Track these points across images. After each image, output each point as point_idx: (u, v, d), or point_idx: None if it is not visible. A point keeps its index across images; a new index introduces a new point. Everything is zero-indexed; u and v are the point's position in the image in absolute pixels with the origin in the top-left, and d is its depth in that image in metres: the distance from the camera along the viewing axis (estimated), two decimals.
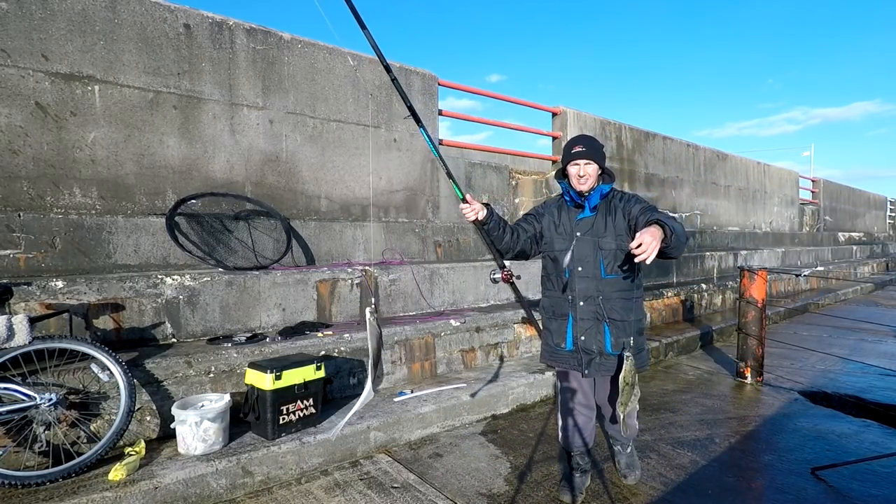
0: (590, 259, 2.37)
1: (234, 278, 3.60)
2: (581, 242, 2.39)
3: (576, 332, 2.41)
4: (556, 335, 2.48)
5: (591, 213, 2.41)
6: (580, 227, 2.41)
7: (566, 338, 2.43)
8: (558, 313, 2.47)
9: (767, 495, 2.62)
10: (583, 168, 2.36)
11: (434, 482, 2.72)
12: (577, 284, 2.38)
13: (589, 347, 2.39)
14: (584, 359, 2.40)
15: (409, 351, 3.92)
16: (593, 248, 2.37)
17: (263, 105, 4.46)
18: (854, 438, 3.31)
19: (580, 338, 2.40)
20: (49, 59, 3.47)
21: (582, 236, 2.39)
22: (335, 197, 4.94)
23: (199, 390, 2.94)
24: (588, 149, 2.36)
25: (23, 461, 2.40)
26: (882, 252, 17.41)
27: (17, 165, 3.38)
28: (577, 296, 2.38)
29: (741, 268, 4.75)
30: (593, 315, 2.38)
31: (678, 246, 2.11)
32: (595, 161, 2.36)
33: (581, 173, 2.36)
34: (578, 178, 2.37)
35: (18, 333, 2.34)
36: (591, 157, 2.35)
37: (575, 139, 2.44)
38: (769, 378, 4.61)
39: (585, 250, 2.38)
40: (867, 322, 7.40)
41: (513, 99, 6.90)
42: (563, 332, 2.44)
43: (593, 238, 2.37)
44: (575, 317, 2.40)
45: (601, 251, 2.36)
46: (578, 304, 2.39)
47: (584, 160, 2.36)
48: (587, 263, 2.37)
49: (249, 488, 2.60)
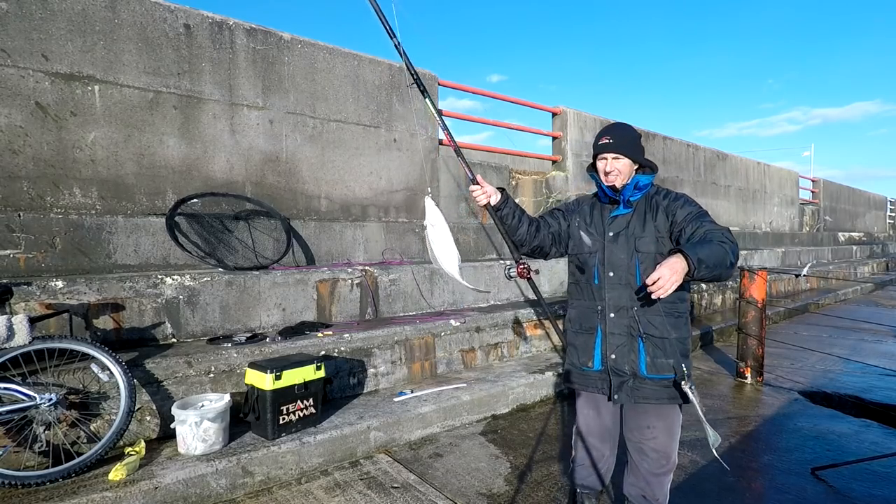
0: (623, 263, 2.02)
1: (234, 278, 3.59)
2: (614, 244, 2.05)
3: (605, 348, 2.05)
4: (583, 352, 2.12)
5: (627, 210, 2.07)
6: (613, 226, 2.07)
7: (594, 355, 2.08)
8: (585, 326, 2.13)
9: (767, 495, 2.62)
10: (610, 163, 2.04)
11: (434, 482, 2.72)
12: (608, 293, 2.04)
13: (620, 368, 2.02)
14: (615, 381, 2.03)
15: (409, 351, 3.92)
16: (628, 250, 2.02)
17: (263, 105, 4.46)
18: (854, 438, 3.31)
19: (610, 356, 2.04)
20: (49, 59, 3.47)
21: (615, 236, 2.06)
22: (335, 197, 4.94)
23: (199, 390, 2.94)
24: (616, 140, 2.03)
25: (23, 461, 2.40)
26: (882, 252, 17.41)
27: (17, 165, 3.38)
28: (608, 306, 2.04)
29: (741, 268, 4.75)
30: (626, 330, 2.02)
31: (717, 274, 1.74)
32: (626, 155, 2.03)
33: (608, 169, 2.04)
34: (605, 175, 2.06)
35: (18, 333, 2.34)
36: (621, 150, 2.02)
37: (605, 129, 2.10)
38: (769, 378, 4.61)
39: (619, 253, 2.04)
40: (867, 322, 7.39)
41: (513, 99, 6.90)
42: (591, 349, 2.09)
43: (628, 239, 2.03)
44: (604, 331, 2.06)
45: (638, 254, 2.00)
46: (609, 316, 2.04)
47: (611, 154, 2.03)
48: (620, 268, 2.03)
49: (249, 488, 2.60)
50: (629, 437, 2.13)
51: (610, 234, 2.07)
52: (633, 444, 2.12)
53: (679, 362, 1.99)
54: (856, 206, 17.98)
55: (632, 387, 2.01)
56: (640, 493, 2.14)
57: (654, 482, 2.09)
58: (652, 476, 2.08)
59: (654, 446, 2.05)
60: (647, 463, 2.08)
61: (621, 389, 2.02)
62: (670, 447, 2.07)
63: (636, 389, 2.01)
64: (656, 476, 2.08)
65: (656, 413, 2.04)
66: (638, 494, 2.15)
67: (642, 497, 2.14)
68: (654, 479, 2.08)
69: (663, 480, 2.10)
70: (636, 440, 2.10)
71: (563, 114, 7.30)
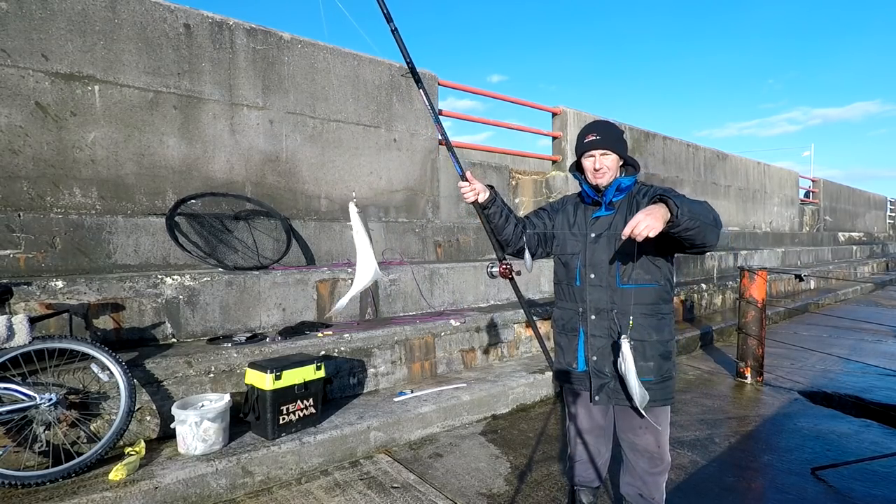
0: (604, 265, 2.02)
1: (234, 278, 3.59)
2: (595, 245, 2.05)
3: (587, 350, 2.07)
4: (567, 353, 2.16)
5: (610, 212, 2.05)
6: (596, 227, 2.06)
7: (577, 356, 2.11)
8: (568, 328, 2.15)
9: (767, 495, 2.62)
10: (599, 160, 2.01)
11: (434, 482, 2.72)
12: (589, 295, 2.05)
13: (602, 369, 2.03)
14: (595, 383, 2.05)
15: (409, 351, 3.92)
16: (609, 252, 2.02)
17: (263, 105, 4.46)
18: (854, 438, 3.31)
19: (592, 358, 2.06)
20: (49, 58, 3.47)
21: (597, 238, 2.05)
22: (335, 197, 4.94)
23: (199, 390, 2.94)
24: (604, 137, 2.01)
25: (23, 461, 2.39)
26: (882, 252, 17.41)
27: (17, 165, 3.38)
28: (589, 308, 2.05)
29: (741, 268, 4.75)
30: (606, 332, 2.02)
31: (701, 228, 1.71)
32: (613, 151, 2.01)
33: (597, 166, 2.01)
34: (594, 172, 2.03)
35: (18, 333, 2.34)
36: (609, 146, 2.01)
37: (589, 126, 2.08)
38: (769, 378, 4.61)
39: (600, 254, 2.03)
40: (867, 322, 7.39)
41: (513, 99, 6.91)
42: (574, 350, 2.12)
43: (609, 240, 2.02)
44: (586, 332, 2.07)
45: (618, 256, 2.00)
46: (590, 318, 2.05)
47: (599, 150, 2.00)
48: (601, 270, 2.03)
49: (249, 488, 2.60)
50: (622, 437, 2.15)
51: (592, 236, 2.07)
52: (626, 444, 2.14)
53: (660, 365, 1.99)
54: (856, 206, 17.99)
55: (613, 388, 2.03)
56: (638, 493, 2.15)
57: (651, 481, 2.10)
58: (648, 475, 2.09)
59: (647, 446, 2.06)
60: (643, 462, 2.09)
61: (602, 391, 2.04)
62: (663, 446, 2.08)
63: (617, 392, 2.01)
64: (652, 475, 2.09)
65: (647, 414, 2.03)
66: (635, 494, 2.16)
67: (639, 496, 2.14)
68: (650, 478, 2.10)
69: (659, 479, 2.11)
70: (629, 440, 2.11)
71: (562, 114, 7.31)
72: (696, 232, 1.71)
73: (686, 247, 1.84)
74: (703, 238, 1.75)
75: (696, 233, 1.72)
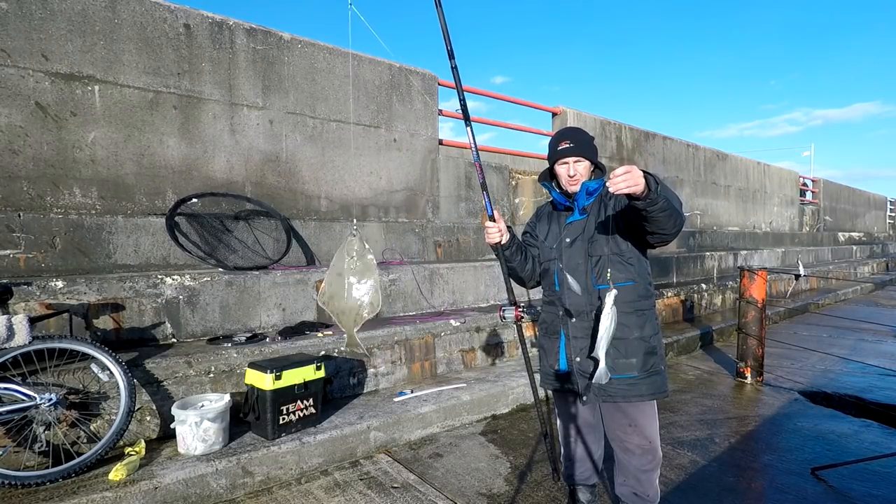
0: (581, 268, 2.07)
1: (234, 278, 3.59)
2: (570, 250, 2.10)
3: (569, 352, 2.11)
4: (550, 355, 2.20)
5: (582, 216, 2.11)
6: (569, 233, 2.12)
7: (559, 358, 2.15)
8: (551, 330, 2.19)
9: (767, 495, 2.62)
10: (573, 167, 2.05)
11: (434, 482, 2.72)
12: (568, 298, 2.09)
13: (585, 370, 2.05)
14: (581, 383, 2.07)
15: (409, 351, 3.92)
16: (584, 255, 2.07)
17: (263, 105, 4.46)
18: (854, 438, 3.31)
19: (574, 359, 2.08)
20: (49, 59, 3.47)
21: (571, 243, 2.10)
22: (335, 197, 4.94)
23: (199, 390, 2.94)
24: (577, 144, 2.05)
25: (23, 461, 2.40)
26: (882, 252, 17.41)
27: (17, 165, 3.38)
28: (569, 310, 2.10)
29: (741, 268, 4.75)
30: (586, 332, 2.04)
31: (670, 211, 1.74)
32: (586, 157, 2.06)
33: (571, 173, 2.06)
34: (569, 179, 2.07)
35: (18, 333, 2.34)
36: (581, 153, 2.05)
37: (560, 133, 2.12)
38: (769, 378, 4.61)
39: (576, 258, 2.09)
40: (867, 322, 7.39)
41: (513, 99, 6.91)
42: (556, 352, 2.16)
43: (583, 243, 2.08)
44: (567, 335, 2.11)
45: (591, 258, 2.06)
46: (570, 321, 2.09)
47: (573, 157, 2.05)
48: (578, 273, 2.07)
49: (249, 488, 2.60)
50: (612, 436, 2.17)
51: (567, 241, 2.12)
52: (617, 444, 2.15)
53: (644, 360, 2.01)
54: (856, 206, 17.98)
55: (598, 386, 2.04)
56: (632, 492, 2.16)
57: (644, 479, 2.12)
58: (641, 473, 2.11)
59: (639, 443, 2.08)
60: (634, 460, 2.11)
61: (589, 390, 2.06)
62: (654, 442, 2.10)
63: (603, 389, 2.04)
64: (645, 472, 2.11)
65: (633, 410, 2.07)
66: (629, 493, 2.17)
67: (634, 495, 2.16)
68: (643, 475, 2.11)
69: (652, 476, 2.13)
70: (620, 439, 2.13)
71: (563, 114, 7.31)
72: (666, 215, 1.74)
73: (648, 231, 1.85)
74: (672, 222, 1.78)
75: (667, 215, 1.74)
